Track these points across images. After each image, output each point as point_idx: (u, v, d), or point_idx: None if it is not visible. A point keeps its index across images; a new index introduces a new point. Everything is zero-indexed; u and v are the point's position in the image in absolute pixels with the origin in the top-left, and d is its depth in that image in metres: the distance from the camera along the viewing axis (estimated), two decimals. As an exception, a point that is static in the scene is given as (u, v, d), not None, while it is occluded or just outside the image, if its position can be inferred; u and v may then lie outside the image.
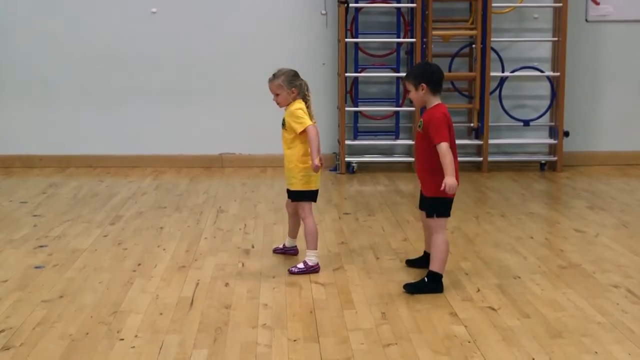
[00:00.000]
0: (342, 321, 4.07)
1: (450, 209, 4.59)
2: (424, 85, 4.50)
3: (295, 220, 5.16)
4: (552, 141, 8.48)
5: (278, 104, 4.96)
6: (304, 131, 4.82)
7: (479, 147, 8.42)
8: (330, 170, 8.35)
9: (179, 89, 8.49)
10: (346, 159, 8.25)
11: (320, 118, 8.54)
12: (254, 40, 8.45)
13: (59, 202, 6.91)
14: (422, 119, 4.58)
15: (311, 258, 4.89)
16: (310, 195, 4.97)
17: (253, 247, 5.46)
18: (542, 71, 8.43)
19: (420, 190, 4.71)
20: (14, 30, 8.38)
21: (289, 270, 4.88)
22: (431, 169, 4.49)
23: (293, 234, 5.24)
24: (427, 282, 4.51)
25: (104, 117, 8.50)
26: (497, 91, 8.42)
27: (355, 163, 8.31)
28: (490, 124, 8.31)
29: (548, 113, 8.53)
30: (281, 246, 5.30)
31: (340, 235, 5.76)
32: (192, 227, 6.00)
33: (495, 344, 3.78)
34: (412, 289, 4.50)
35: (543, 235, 5.83)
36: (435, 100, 4.55)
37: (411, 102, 4.87)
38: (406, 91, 4.70)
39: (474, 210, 6.62)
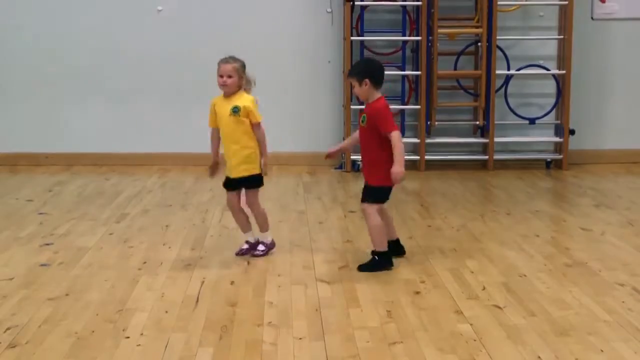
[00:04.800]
0: (348, 319, 4.07)
1: (388, 197, 4.96)
2: (367, 81, 4.79)
3: (242, 214, 5.17)
4: (557, 139, 8.47)
5: (225, 86, 5.00)
6: (256, 123, 5.00)
7: (485, 145, 8.41)
8: (336, 169, 8.35)
9: (184, 86, 8.49)
10: (352, 157, 8.25)
11: (326, 116, 8.65)
12: (259, 38, 8.44)
13: (65, 200, 6.92)
14: (364, 113, 4.86)
15: (267, 237, 5.17)
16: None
17: (258, 245, 5.46)
18: (547, 69, 8.42)
19: (365, 183, 4.98)
20: (19, 29, 8.39)
21: (253, 255, 5.08)
22: (377, 160, 4.83)
23: (249, 226, 5.23)
24: (377, 260, 4.88)
25: (110, 115, 8.51)
26: (503, 89, 8.41)
27: (361, 161, 8.30)
28: (495, 122, 8.30)
29: (554, 111, 8.51)
30: (245, 247, 5.21)
31: (346, 234, 5.76)
32: (198, 225, 6.00)
33: (500, 342, 3.77)
34: (364, 268, 4.85)
35: (549, 233, 5.82)
36: (377, 94, 4.85)
37: (357, 98, 5.21)
38: (351, 87, 5.08)
39: (480, 208, 6.62)
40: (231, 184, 5.11)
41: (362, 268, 4.86)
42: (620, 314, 4.10)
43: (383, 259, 4.89)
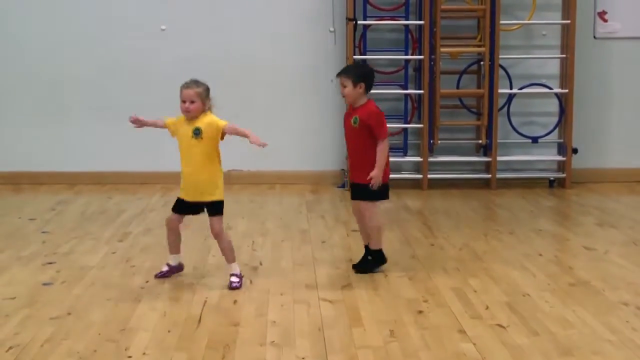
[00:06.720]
0: (351, 339, 4.06)
1: (388, 191, 5.11)
2: (362, 85, 5.00)
3: (177, 235, 5.11)
4: (560, 158, 8.47)
5: (188, 112, 4.89)
6: (224, 129, 4.84)
7: (488, 164, 8.41)
8: (338, 187, 8.35)
9: (187, 106, 8.49)
10: (354, 176, 8.24)
11: (328, 135, 8.66)
12: (263, 57, 8.48)
13: (68, 218, 6.92)
14: (357, 115, 5.02)
15: (236, 268, 4.98)
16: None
17: (261, 264, 5.46)
18: (550, 88, 8.43)
19: (352, 182, 5.20)
20: (22, 48, 8.43)
21: (231, 288, 4.85)
22: (369, 159, 4.97)
23: (177, 249, 5.15)
24: (372, 259, 5.17)
25: (113, 134, 8.51)
26: (506, 108, 8.42)
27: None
28: (498, 140, 8.30)
29: (556, 130, 8.52)
30: (165, 269, 5.14)
31: (349, 252, 5.75)
32: (200, 243, 5.99)
33: (504, 362, 3.76)
34: (360, 268, 5.16)
35: (552, 252, 5.81)
36: (365, 98, 5.07)
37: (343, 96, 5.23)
38: (342, 86, 5.11)
39: (483, 227, 6.61)
40: (183, 208, 5.02)
41: (358, 268, 5.18)
42: (624, 334, 4.09)
43: (378, 257, 5.19)
